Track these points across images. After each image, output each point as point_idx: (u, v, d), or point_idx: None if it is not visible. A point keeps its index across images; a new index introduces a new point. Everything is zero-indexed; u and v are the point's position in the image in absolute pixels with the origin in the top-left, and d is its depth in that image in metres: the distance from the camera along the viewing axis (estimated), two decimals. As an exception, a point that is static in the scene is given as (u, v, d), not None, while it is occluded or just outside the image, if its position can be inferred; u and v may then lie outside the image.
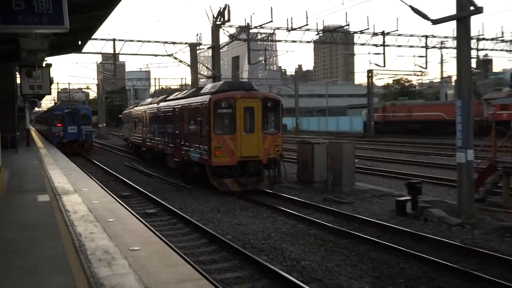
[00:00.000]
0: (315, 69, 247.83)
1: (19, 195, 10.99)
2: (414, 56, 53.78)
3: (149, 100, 32.75)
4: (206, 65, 44.04)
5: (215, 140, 16.43)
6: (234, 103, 16.60)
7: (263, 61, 45.57)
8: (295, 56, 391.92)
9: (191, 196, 16.71)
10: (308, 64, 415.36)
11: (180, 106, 20.55)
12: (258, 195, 16.40)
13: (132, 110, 35.71)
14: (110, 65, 46.97)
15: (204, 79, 77.82)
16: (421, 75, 58.31)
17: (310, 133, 60.96)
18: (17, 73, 26.56)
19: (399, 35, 40.17)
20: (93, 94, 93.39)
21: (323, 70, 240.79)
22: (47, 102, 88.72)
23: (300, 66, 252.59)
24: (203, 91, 19.22)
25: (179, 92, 25.40)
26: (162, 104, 24.47)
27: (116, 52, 34.12)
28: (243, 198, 15.94)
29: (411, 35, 41.32)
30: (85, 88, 77.62)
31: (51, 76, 17.92)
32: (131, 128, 34.01)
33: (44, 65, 17.80)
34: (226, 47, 37.75)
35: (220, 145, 16.42)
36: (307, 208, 14.16)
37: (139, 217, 10.57)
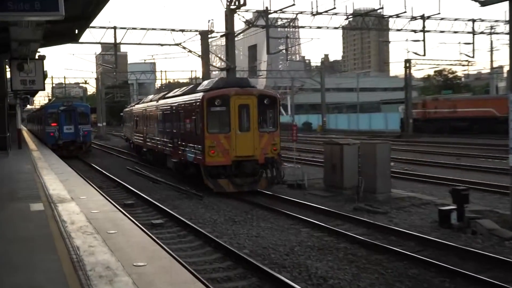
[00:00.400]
0: (344, 59, 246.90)
1: (9, 203, 11.16)
2: (459, 43, 53.08)
3: (150, 97, 34.06)
4: (219, 55, 44.17)
5: (208, 139, 17.90)
6: (228, 100, 18.04)
7: (284, 51, 45.56)
8: (321, 44, 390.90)
9: (203, 204, 16.81)
10: (336, 54, 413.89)
11: (176, 104, 22.14)
12: (279, 203, 16.49)
13: (133, 108, 37.35)
14: (111, 57, 47.43)
15: (217, 71, 77.92)
16: (468, 65, 57.59)
17: (338, 133, 60.75)
18: (7, 66, 27.00)
19: (442, 19, 39.79)
20: (91, 89, 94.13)
21: (353, 60, 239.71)
22: (40, 99, 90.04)
23: (326, 56, 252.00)
24: (199, 88, 20.62)
25: (178, 89, 26.64)
26: (161, 101, 26.16)
27: (117, 41, 34.44)
28: (261, 207, 15.99)
29: (456, 19, 40.89)
30: (82, 83, 78.44)
31: (44, 69, 18.16)
32: (133, 127, 35.83)
33: (37, 57, 18.05)
34: (241, 34, 37.74)
35: (214, 144, 17.92)
36: (335, 219, 14.14)
37: (144, 229, 10.64)
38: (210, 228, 13.24)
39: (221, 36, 33.34)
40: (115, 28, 33.86)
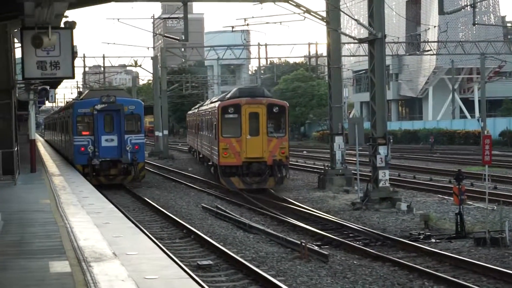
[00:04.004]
0: None
1: (17, 260, 11.70)
2: None
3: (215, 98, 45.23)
4: (355, 17, 44.11)
5: (222, 142, 32.41)
6: (240, 108, 32.46)
7: (468, 8, 44.79)
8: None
9: (328, 269, 16.77)
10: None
11: (210, 110, 38.25)
12: (458, 269, 16.18)
13: (196, 110, 51.23)
14: (177, 22, 48.58)
15: (352, 44, 77.79)
16: None
17: None
18: (15, 40, 28.25)
19: None
20: (145, 75, 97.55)
21: None
22: (65, 92, 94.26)
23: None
24: (227, 96, 36.08)
25: (225, 92, 43.51)
26: (210, 105, 40.88)
27: (189, -3, 35.28)
28: (426, 275, 15.72)
29: None
30: (131, 66, 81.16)
31: (74, 45, 18.79)
32: (195, 133, 50.45)
33: (62, 25, 18.69)
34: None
35: (227, 146, 32.18)
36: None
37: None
38: (340, 311, 13.18)
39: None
40: (184, -25, 34.74)
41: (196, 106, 57.97)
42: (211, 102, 42.34)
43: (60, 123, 48.92)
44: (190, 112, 62.05)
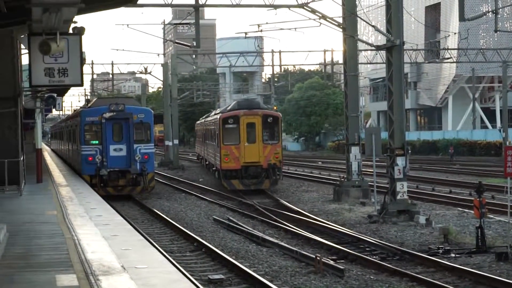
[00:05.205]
0: None
1: (23, 273, 11.71)
2: None
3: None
4: (373, 23, 44.12)
5: (223, 149, 38.70)
6: (238, 119, 38.80)
7: (490, 14, 44.69)
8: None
9: (343, 284, 16.77)
10: None
11: (213, 121, 44.86)
12: (479, 285, 16.05)
13: (203, 120, 56.66)
14: (188, 28, 48.70)
15: (369, 51, 77.63)
16: None
17: None
18: (22, 45, 28.35)
19: None
20: (155, 83, 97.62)
21: None
22: (72, 100, 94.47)
23: None
24: (227, 108, 43.70)
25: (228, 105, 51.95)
26: (213, 116, 47.56)
27: (200, 2, 35.41)
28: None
29: None
30: (141, 73, 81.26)
31: (83, 51, 18.82)
32: (202, 142, 56.22)
33: (71, 30, 18.76)
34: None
35: (228, 153, 38.44)
36: None
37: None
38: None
39: (378, -11, 33.23)
40: (196, -20, 34.84)
41: (204, 117, 62.64)
42: (215, 114, 49.03)
43: (67, 132, 48.90)
44: (198, 122, 66.99)
